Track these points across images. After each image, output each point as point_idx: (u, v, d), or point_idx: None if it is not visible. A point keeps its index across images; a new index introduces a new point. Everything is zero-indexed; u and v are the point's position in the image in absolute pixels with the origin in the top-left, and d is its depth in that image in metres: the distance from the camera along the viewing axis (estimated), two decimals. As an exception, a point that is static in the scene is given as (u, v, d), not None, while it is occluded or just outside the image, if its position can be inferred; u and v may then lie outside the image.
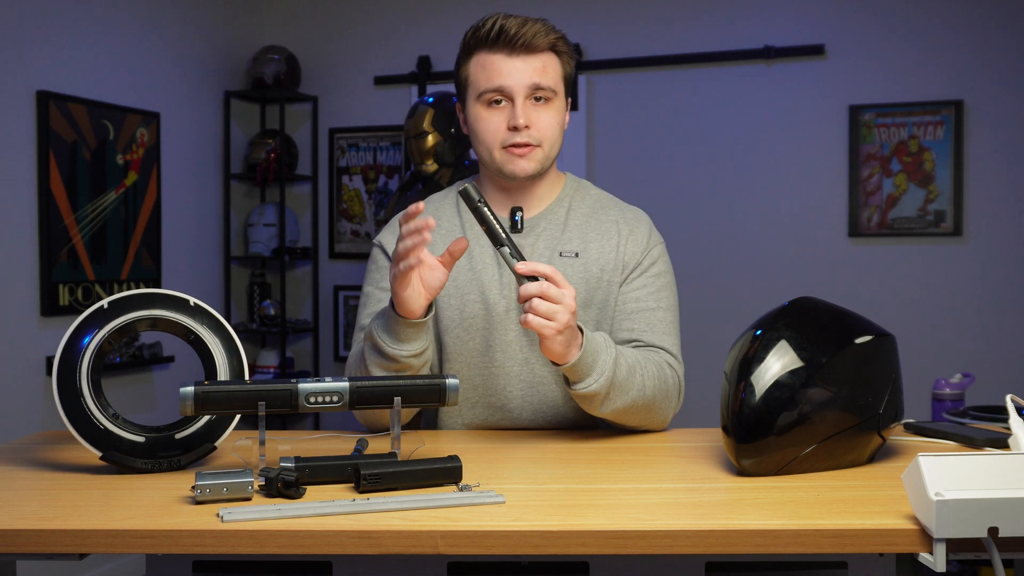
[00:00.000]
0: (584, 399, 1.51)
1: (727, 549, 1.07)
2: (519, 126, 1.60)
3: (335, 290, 4.80)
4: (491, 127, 1.62)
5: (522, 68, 1.60)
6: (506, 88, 1.60)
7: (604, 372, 1.48)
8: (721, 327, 3.65)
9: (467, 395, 1.68)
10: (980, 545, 1.03)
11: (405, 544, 1.07)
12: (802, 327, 1.35)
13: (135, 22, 4.04)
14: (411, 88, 4.62)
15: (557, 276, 1.41)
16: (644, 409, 1.57)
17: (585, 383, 1.48)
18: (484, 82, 1.61)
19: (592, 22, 4.37)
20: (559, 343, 1.42)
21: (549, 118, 1.63)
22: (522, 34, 1.59)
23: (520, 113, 1.60)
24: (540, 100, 1.62)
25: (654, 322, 1.65)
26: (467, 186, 1.45)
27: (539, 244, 1.68)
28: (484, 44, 1.61)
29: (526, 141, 1.61)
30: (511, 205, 1.69)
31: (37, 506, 1.20)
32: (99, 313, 1.38)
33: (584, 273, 1.66)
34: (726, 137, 4.24)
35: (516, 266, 1.42)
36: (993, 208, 3.95)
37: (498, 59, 1.60)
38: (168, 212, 4.23)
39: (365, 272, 1.77)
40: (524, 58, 1.60)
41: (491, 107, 1.62)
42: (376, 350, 1.52)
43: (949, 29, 3.98)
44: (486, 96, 1.62)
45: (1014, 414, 1.35)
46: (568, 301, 1.41)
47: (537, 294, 1.40)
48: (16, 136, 3.49)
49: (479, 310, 1.65)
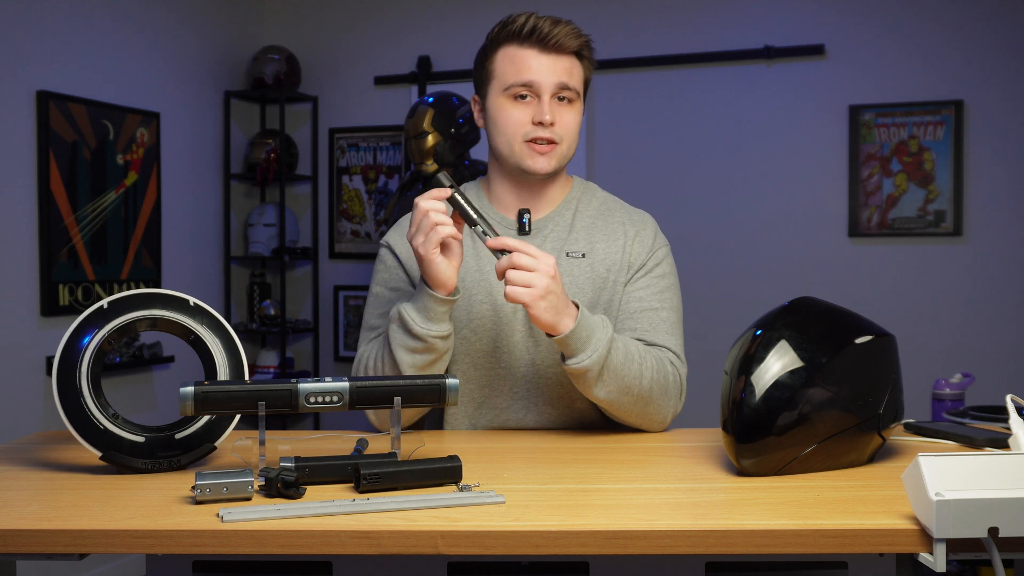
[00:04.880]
0: (577, 376, 1.52)
1: (727, 549, 1.07)
2: (545, 121, 1.62)
3: (335, 290, 4.80)
4: (515, 119, 1.64)
5: (551, 66, 1.62)
6: (535, 83, 1.62)
7: (598, 349, 1.49)
8: (721, 327, 3.65)
9: (473, 396, 1.68)
10: (980, 545, 1.03)
11: (405, 544, 1.07)
12: (802, 327, 1.35)
13: (135, 22, 4.04)
14: (411, 88, 4.62)
15: (528, 247, 1.46)
16: (641, 401, 1.57)
17: (578, 358, 1.50)
18: (512, 76, 1.63)
19: (593, 22, 4.34)
20: (544, 310, 1.45)
21: (572, 118, 1.65)
22: (555, 33, 1.62)
23: (547, 109, 1.62)
24: (564, 100, 1.64)
25: (657, 322, 1.66)
26: (439, 175, 1.51)
27: (546, 245, 1.69)
28: (515, 39, 1.63)
29: (549, 137, 1.63)
30: (520, 206, 1.70)
31: (37, 506, 1.20)
32: (99, 313, 1.38)
33: (591, 273, 1.67)
34: (726, 137, 4.24)
35: (487, 242, 1.49)
36: (993, 208, 3.95)
37: (529, 54, 1.62)
38: (168, 212, 4.23)
39: (372, 272, 1.77)
40: (554, 57, 1.62)
41: (516, 101, 1.64)
42: (405, 330, 1.54)
43: (949, 29, 3.98)
44: (513, 90, 1.63)
45: (1014, 414, 1.35)
46: (544, 267, 1.45)
47: (508, 265, 1.46)
48: (16, 136, 3.49)
49: (486, 311, 1.66)
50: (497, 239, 1.49)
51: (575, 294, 1.65)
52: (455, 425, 1.70)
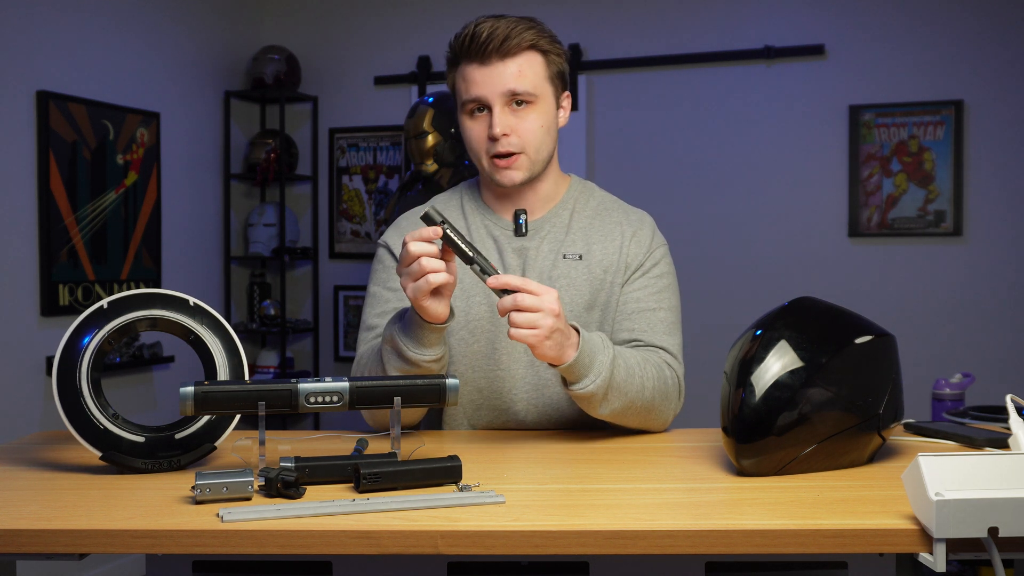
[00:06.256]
0: (582, 400, 1.51)
1: (727, 549, 1.07)
2: (496, 135, 1.58)
3: (335, 290, 4.80)
4: (475, 136, 1.62)
5: (494, 75, 1.57)
6: (481, 98, 1.59)
7: (601, 373, 1.48)
8: (721, 327, 3.65)
9: (472, 397, 1.67)
10: (980, 545, 1.03)
11: (405, 544, 1.07)
12: (802, 327, 1.35)
13: (135, 22, 4.04)
14: (411, 88, 4.62)
15: (529, 285, 1.41)
16: (644, 410, 1.57)
17: (582, 384, 1.48)
18: (464, 92, 1.61)
19: (592, 22, 4.36)
20: (549, 347, 1.42)
21: (531, 123, 1.60)
22: (492, 39, 1.56)
23: (497, 122, 1.58)
24: (521, 104, 1.59)
25: (654, 322, 1.65)
26: (428, 210, 1.42)
27: (543, 246, 1.67)
28: (463, 54, 1.60)
29: (507, 150, 1.59)
30: (514, 208, 1.69)
31: (37, 506, 1.20)
32: (99, 313, 1.38)
33: (588, 275, 1.66)
34: (726, 137, 4.24)
35: (487, 282, 1.42)
36: (993, 208, 3.95)
37: (471, 69, 1.59)
38: (168, 212, 4.23)
39: (371, 272, 1.77)
40: (496, 65, 1.57)
41: (474, 116, 1.62)
42: (398, 354, 1.51)
43: (949, 29, 3.98)
44: (468, 106, 1.61)
45: (1014, 414, 1.35)
46: (547, 306, 1.40)
47: (512, 307, 1.40)
48: (16, 136, 3.49)
49: (484, 312, 1.65)
50: (497, 279, 1.41)
51: (572, 296, 1.64)
52: (454, 427, 1.70)
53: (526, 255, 1.66)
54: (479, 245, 1.68)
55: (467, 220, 1.71)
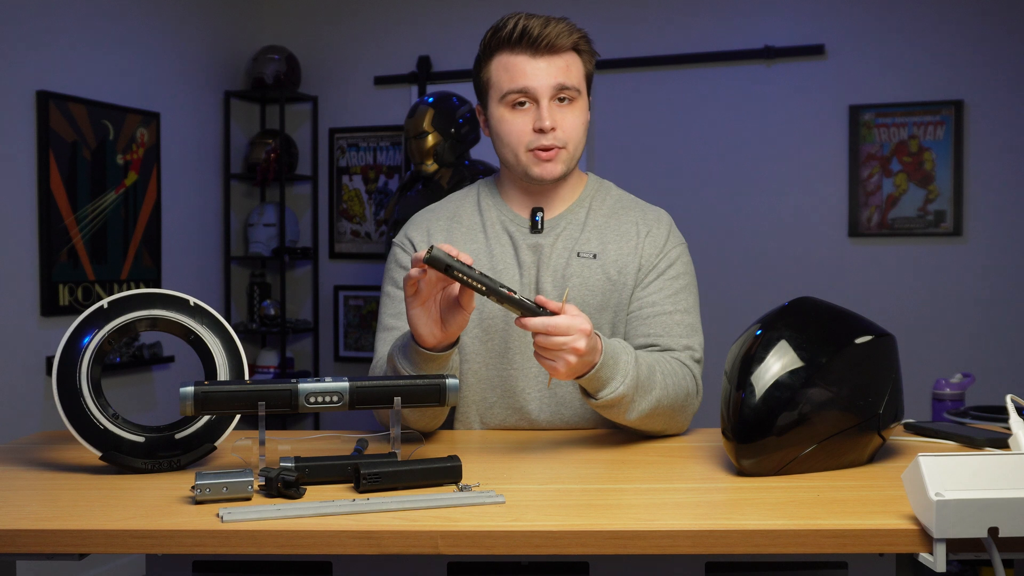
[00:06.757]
0: (611, 406, 1.47)
1: (727, 549, 1.07)
2: (545, 128, 1.58)
3: (335, 290, 4.79)
4: (516, 129, 1.61)
5: (546, 69, 1.58)
6: (530, 89, 1.58)
7: (628, 372, 1.45)
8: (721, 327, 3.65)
9: (485, 396, 1.66)
10: (980, 545, 1.03)
11: (405, 544, 1.07)
12: (802, 327, 1.35)
13: (135, 22, 4.04)
14: (411, 88, 4.62)
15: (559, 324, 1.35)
16: (669, 409, 1.54)
17: (611, 387, 1.44)
18: (507, 83, 1.60)
19: (593, 22, 4.34)
20: (572, 372, 1.39)
21: (574, 118, 1.61)
22: (545, 34, 1.57)
23: (546, 115, 1.58)
24: (564, 101, 1.61)
25: (670, 325, 1.63)
26: (432, 253, 1.34)
27: (558, 244, 1.67)
28: (506, 45, 1.60)
29: (552, 144, 1.60)
30: (532, 206, 1.68)
31: (37, 506, 1.20)
32: (99, 313, 1.38)
33: (602, 274, 1.65)
34: (726, 137, 4.24)
35: (515, 321, 1.38)
36: (993, 208, 3.95)
37: (521, 60, 1.59)
38: (168, 212, 4.23)
39: (384, 271, 1.76)
40: (548, 58, 1.58)
41: (515, 109, 1.61)
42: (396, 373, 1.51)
43: (949, 29, 3.98)
44: (510, 98, 1.60)
45: (1014, 414, 1.35)
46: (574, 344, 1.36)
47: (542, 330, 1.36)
48: (16, 136, 3.49)
49: (498, 311, 1.64)
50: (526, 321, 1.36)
51: (584, 296, 1.63)
52: (467, 425, 1.69)
53: (540, 252, 1.66)
54: (494, 241, 1.67)
55: (483, 216, 1.71)
